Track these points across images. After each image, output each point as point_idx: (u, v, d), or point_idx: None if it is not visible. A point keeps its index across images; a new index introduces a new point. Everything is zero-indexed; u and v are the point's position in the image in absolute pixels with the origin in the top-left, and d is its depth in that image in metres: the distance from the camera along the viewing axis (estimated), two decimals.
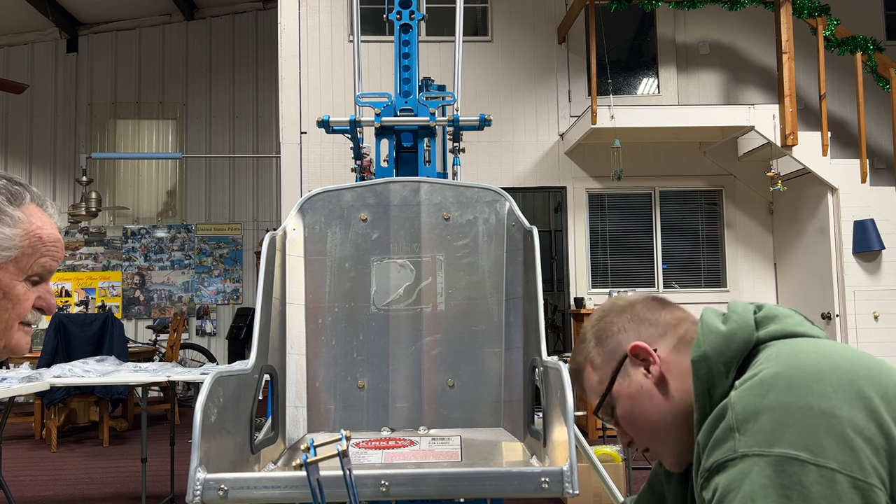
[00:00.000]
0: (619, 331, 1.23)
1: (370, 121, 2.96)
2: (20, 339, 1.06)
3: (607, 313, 1.26)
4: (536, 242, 2.19)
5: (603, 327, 1.25)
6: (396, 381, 2.29)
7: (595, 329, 1.26)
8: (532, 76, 7.32)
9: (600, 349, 1.23)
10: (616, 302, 1.28)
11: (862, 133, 6.39)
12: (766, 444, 0.95)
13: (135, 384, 4.39)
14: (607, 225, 7.26)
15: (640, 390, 1.19)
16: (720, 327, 1.13)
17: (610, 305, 1.28)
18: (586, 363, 1.26)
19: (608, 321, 1.25)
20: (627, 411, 1.21)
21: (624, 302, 1.27)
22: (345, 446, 1.31)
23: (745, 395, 1.01)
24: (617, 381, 1.21)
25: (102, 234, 10.23)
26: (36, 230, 1.03)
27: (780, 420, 0.95)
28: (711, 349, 1.10)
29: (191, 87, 10.47)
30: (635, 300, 1.27)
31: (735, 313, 1.15)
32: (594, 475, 3.12)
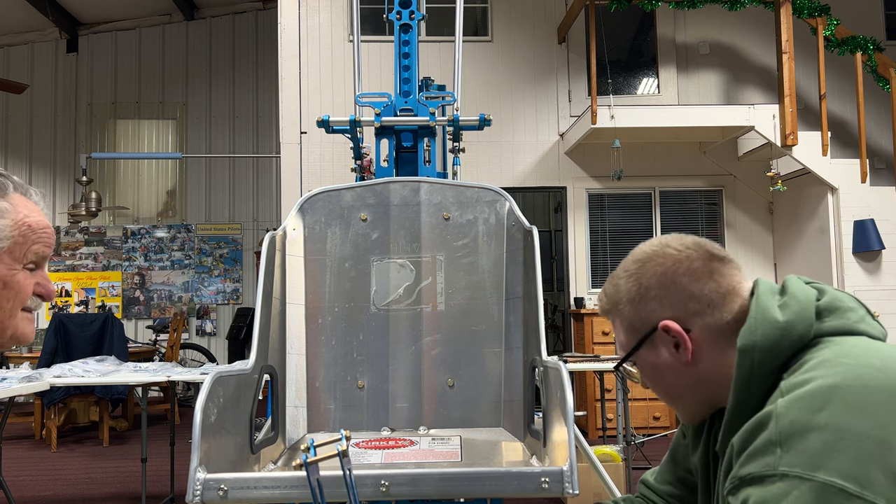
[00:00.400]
0: (655, 297, 1.12)
1: (370, 121, 2.96)
2: (25, 327, 1.08)
3: (651, 265, 1.13)
4: (536, 242, 2.19)
5: (641, 286, 1.13)
6: (396, 381, 2.29)
7: (634, 281, 1.14)
8: (532, 76, 7.32)
9: (632, 309, 1.14)
10: (667, 251, 1.14)
11: (862, 133, 6.39)
12: (810, 468, 0.87)
13: (135, 384, 4.39)
14: (607, 225, 7.26)
15: (665, 364, 1.12)
16: (777, 316, 1.03)
17: (659, 254, 1.14)
18: (616, 312, 1.18)
19: (648, 281, 1.13)
20: (649, 376, 1.16)
21: (673, 259, 1.12)
22: (345, 446, 1.31)
23: (794, 408, 0.92)
24: (643, 348, 1.14)
25: (102, 234, 10.23)
26: (24, 219, 1.04)
27: (829, 443, 0.87)
28: (763, 340, 1.02)
29: (191, 87, 10.48)
30: (687, 259, 1.12)
31: (795, 299, 1.05)
32: (594, 475, 3.13)
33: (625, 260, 1.19)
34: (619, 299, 1.16)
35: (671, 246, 1.14)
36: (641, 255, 1.16)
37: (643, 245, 1.19)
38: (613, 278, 1.19)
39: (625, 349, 1.18)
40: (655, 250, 1.15)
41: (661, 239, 1.17)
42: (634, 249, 1.20)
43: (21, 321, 1.07)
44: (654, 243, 1.17)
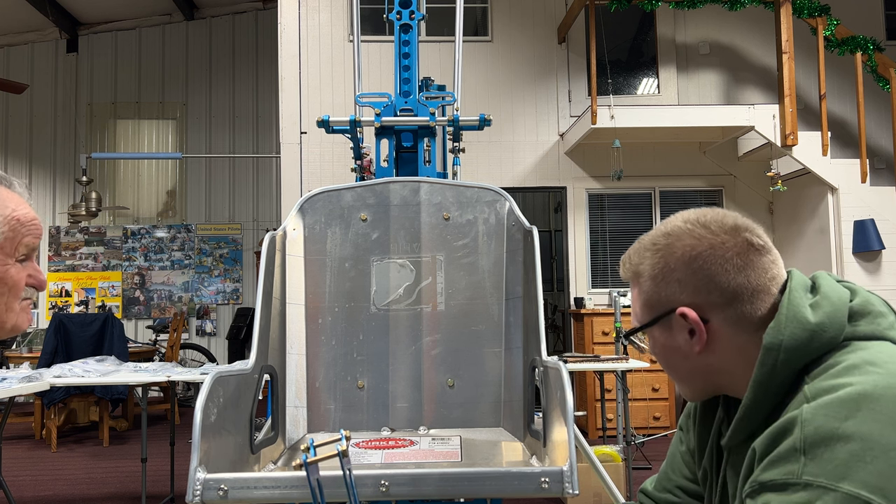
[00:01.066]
0: (678, 280, 1.06)
1: (370, 121, 2.96)
2: (22, 318, 1.10)
3: (681, 245, 1.07)
4: (536, 242, 2.19)
5: (667, 265, 1.07)
6: (396, 381, 2.29)
7: (660, 257, 1.08)
8: (532, 76, 7.32)
9: (653, 285, 1.09)
10: (701, 232, 1.06)
11: (862, 133, 6.39)
12: (835, 478, 0.84)
13: (135, 384, 4.39)
14: (607, 225, 7.26)
15: (676, 347, 1.09)
16: (808, 317, 0.99)
17: (693, 234, 1.07)
18: (636, 283, 1.13)
19: (675, 262, 1.06)
20: (658, 353, 1.13)
21: (707, 243, 1.05)
22: (345, 446, 1.31)
23: (821, 415, 0.89)
24: (656, 327, 1.10)
25: (102, 234, 10.23)
26: (12, 213, 1.05)
27: (856, 453, 0.85)
28: (791, 340, 0.98)
29: (191, 87, 10.48)
30: (721, 246, 1.05)
31: (828, 300, 1.01)
32: (594, 475, 3.13)
33: (656, 229, 1.12)
34: (641, 271, 1.11)
35: (708, 227, 1.07)
36: (674, 229, 1.09)
37: (678, 218, 1.11)
38: (640, 248, 1.13)
39: (639, 321, 1.14)
40: (690, 229, 1.07)
41: (700, 214, 1.09)
42: (670, 219, 1.12)
43: (18, 313, 1.09)
44: (692, 218, 1.09)
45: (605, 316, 6.55)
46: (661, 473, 1.32)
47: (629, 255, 1.15)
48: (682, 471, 1.28)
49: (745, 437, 1.03)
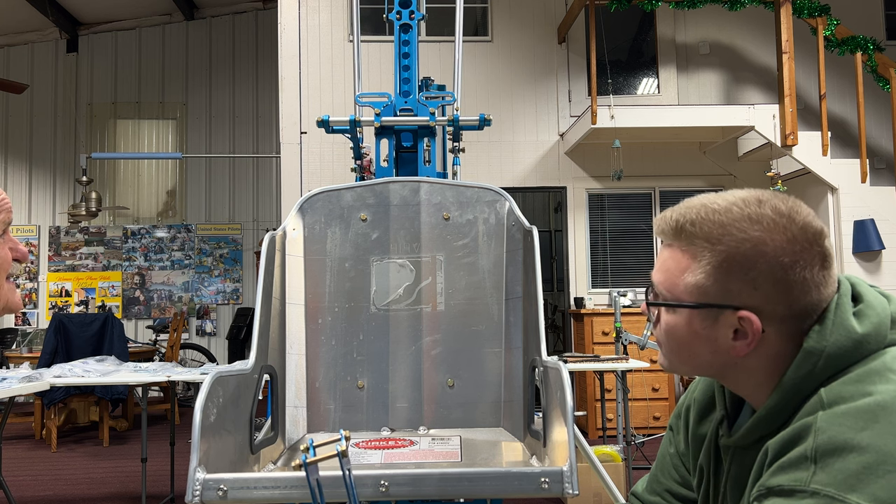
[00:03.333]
0: (753, 280, 0.95)
1: (370, 121, 2.96)
2: (14, 296, 1.11)
3: (764, 248, 0.95)
4: (536, 242, 2.19)
5: (746, 259, 0.95)
6: (396, 381, 2.29)
7: (734, 243, 0.96)
8: (532, 76, 7.32)
9: (719, 270, 0.97)
10: (785, 235, 0.95)
11: (862, 133, 6.39)
12: (844, 489, 0.82)
13: (135, 384, 4.39)
14: (607, 225, 7.26)
15: (709, 339, 1.00)
16: (854, 326, 0.94)
17: (779, 230, 0.96)
18: (683, 248, 1.00)
19: (752, 258, 0.95)
20: (677, 334, 1.02)
21: (790, 251, 0.95)
22: (344, 446, 1.31)
23: (836, 424, 0.86)
24: (696, 312, 0.99)
25: (102, 234, 10.23)
26: None
27: (868, 465, 0.82)
28: (835, 349, 0.93)
29: (191, 87, 10.48)
30: (805, 256, 0.95)
31: (873, 310, 0.96)
32: (594, 475, 3.13)
33: (734, 199, 0.99)
34: (698, 244, 0.98)
35: (790, 228, 0.96)
36: (760, 216, 0.96)
37: (755, 200, 0.98)
38: (707, 214, 0.99)
39: (675, 295, 1.01)
40: (777, 222, 0.96)
41: (780, 204, 0.98)
42: (747, 196, 1.00)
43: (9, 291, 1.10)
44: (782, 209, 0.97)
45: (605, 316, 6.55)
46: (651, 476, 1.30)
47: (685, 214, 1.01)
48: (672, 474, 1.25)
49: (759, 438, 1.00)
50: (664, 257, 1.04)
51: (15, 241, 1.11)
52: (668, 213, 1.05)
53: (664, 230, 1.04)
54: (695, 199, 1.03)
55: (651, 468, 1.31)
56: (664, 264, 1.04)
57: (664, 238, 1.05)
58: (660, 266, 1.05)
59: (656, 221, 1.07)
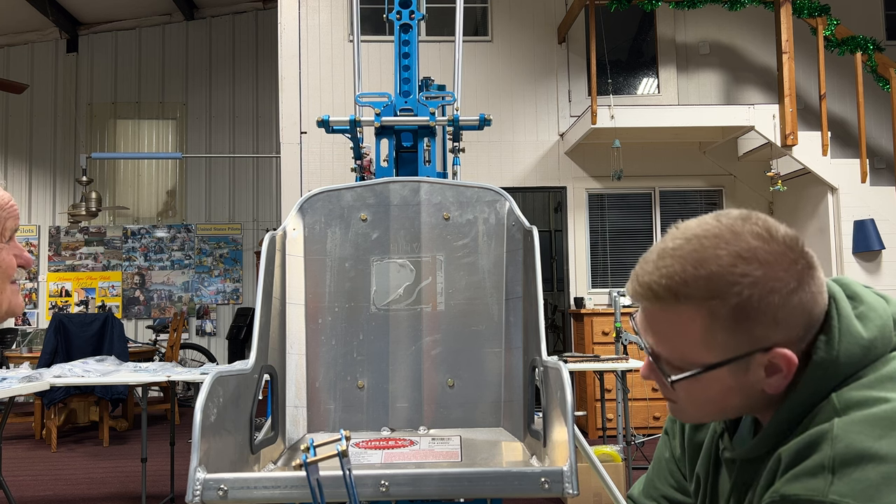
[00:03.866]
0: (774, 318, 0.89)
1: (370, 121, 2.96)
2: (16, 299, 1.11)
3: (771, 281, 0.88)
4: (536, 242, 2.19)
5: (762, 299, 0.88)
6: (396, 381, 2.29)
7: (744, 290, 0.89)
8: (532, 76, 7.32)
9: (730, 325, 0.90)
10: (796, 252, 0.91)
11: (862, 133, 6.39)
12: (863, 499, 0.80)
13: (135, 384, 4.39)
14: (607, 225, 7.26)
15: (743, 389, 0.94)
16: (860, 332, 0.91)
17: (786, 253, 0.90)
18: (676, 312, 0.92)
19: (767, 292, 0.88)
20: (704, 398, 0.96)
21: (795, 274, 0.90)
22: (344, 446, 1.31)
23: (853, 431, 0.84)
24: (724, 368, 0.92)
25: (102, 234, 10.23)
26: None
27: (888, 475, 0.80)
28: (846, 357, 0.90)
29: (191, 87, 10.48)
30: (808, 272, 0.91)
31: (874, 312, 0.94)
32: (594, 475, 3.12)
33: (708, 240, 0.92)
34: (699, 302, 0.90)
35: (781, 250, 0.91)
36: (749, 252, 0.90)
37: (738, 234, 0.91)
38: (695, 267, 0.90)
39: (686, 359, 0.94)
40: (769, 249, 0.90)
41: (754, 227, 0.92)
42: (717, 230, 0.92)
43: (12, 294, 1.10)
44: (760, 232, 0.91)
45: (605, 316, 6.56)
46: (647, 480, 1.27)
47: (671, 271, 0.92)
48: (667, 479, 1.23)
49: (768, 450, 0.98)
50: (659, 325, 0.95)
51: (20, 248, 1.11)
52: (646, 277, 0.94)
53: (650, 295, 0.94)
54: (664, 251, 0.94)
55: (647, 471, 1.29)
56: (664, 333, 0.95)
57: (649, 304, 0.94)
58: (658, 335, 0.96)
59: (634, 286, 0.96)
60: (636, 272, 0.97)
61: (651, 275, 0.93)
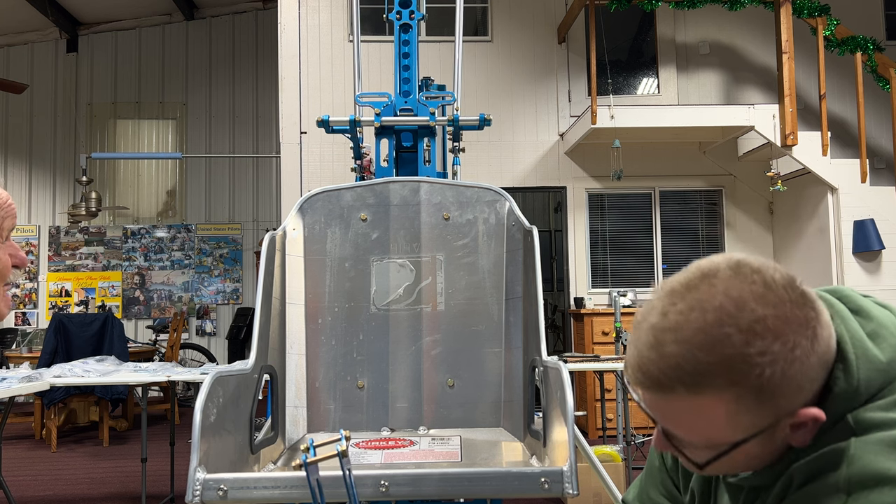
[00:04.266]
0: (797, 384, 0.83)
1: (370, 121, 2.96)
2: (2, 304, 1.08)
3: (789, 347, 0.82)
4: (536, 242, 2.19)
5: (780, 374, 0.81)
6: (396, 381, 2.29)
7: (766, 368, 0.81)
8: (532, 76, 7.32)
9: (755, 404, 0.83)
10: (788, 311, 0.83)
11: (862, 133, 6.39)
12: None
13: (135, 384, 4.39)
14: (607, 225, 7.26)
15: (770, 449, 0.89)
16: (878, 356, 0.86)
17: (797, 323, 0.83)
18: (692, 400, 0.84)
19: (791, 361, 0.82)
20: (732, 464, 0.90)
21: (810, 331, 0.83)
22: (344, 446, 1.31)
23: (871, 452, 0.80)
24: (750, 442, 0.86)
25: (102, 234, 10.23)
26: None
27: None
28: (867, 384, 0.85)
29: (191, 87, 10.48)
30: (819, 319, 0.85)
31: (887, 330, 0.89)
32: (594, 475, 3.13)
33: (720, 313, 0.82)
34: (719, 388, 0.82)
35: (794, 310, 0.83)
36: (766, 324, 0.81)
37: (757, 297, 0.82)
38: (713, 347, 0.82)
39: (713, 441, 0.87)
40: (788, 317, 0.82)
41: (765, 284, 0.84)
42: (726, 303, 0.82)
43: (2, 298, 1.08)
44: (779, 288, 0.84)
45: (605, 316, 6.55)
46: (640, 488, 1.23)
47: (684, 357, 0.82)
48: (659, 488, 1.20)
49: (778, 476, 0.93)
50: (673, 414, 0.87)
51: (15, 247, 1.09)
52: (650, 367, 0.85)
53: (657, 387, 0.85)
54: (662, 331, 0.84)
55: (639, 477, 1.27)
56: (679, 421, 0.87)
57: (657, 395, 0.86)
58: (672, 422, 0.88)
59: (637, 375, 0.87)
60: (635, 357, 0.87)
61: (655, 363, 0.84)
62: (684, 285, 0.86)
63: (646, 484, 1.23)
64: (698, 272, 0.87)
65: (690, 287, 0.85)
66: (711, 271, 0.86)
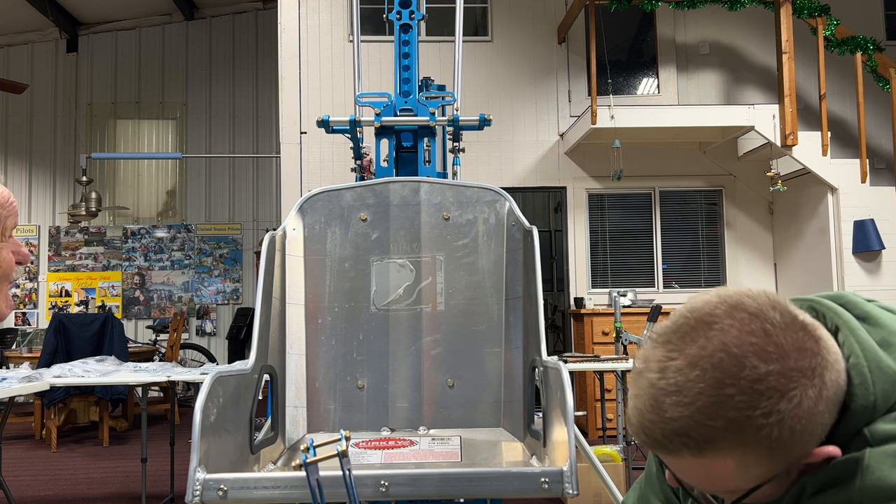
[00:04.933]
0: (809, 432, 0.80)
1: (370, 121, 2.96)
2: (5, 304, 1.07)
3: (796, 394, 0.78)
4: (536, 242, 2.19)
5: (790, 429, 0.78)
6: (396, 381, 2.29)
7: (770, 430, 0.78)
8: (532, 76, 7.32)
9: (768, 456, 0.80)
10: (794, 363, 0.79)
11: (862, 133, 6.39)
12: None
13: (135, 384, 4.39)
14: (607, 225, 7.26)
15: (784, 484, 0.87)
16: (892, 365, 0.83)
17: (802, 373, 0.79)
18: (704, 460, 0.81)
19: (800, 415, 0.78)
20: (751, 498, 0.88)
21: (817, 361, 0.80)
22: (344, 446, 1.31)
23: (887, 464, 0.78)
24: (765, 486, 0.84)
25: (102, 234, 10.23)
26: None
27: None
28: (883, 396, 0.82)
29: (191, 87, 10.48)
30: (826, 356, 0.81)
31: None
32: (594, 475, 3.13)
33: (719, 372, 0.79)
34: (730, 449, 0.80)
35: (799, 363, 0.79)
36: (768, 382, 0.78)
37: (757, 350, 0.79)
38: (719, 410, 0.78)
39: (732, 491, 0.86)
40: (790, 363, 0.79)
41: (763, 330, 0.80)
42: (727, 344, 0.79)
43: (4, 298, 1.07)
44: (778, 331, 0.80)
45: (605, 316, 6.55)
46: (640, 493, 1.22)
47: (691, 423, 0.79)
48: (659, 495, 1.19)
49: None
50: (682, 470, 0.85)
51: (17, 243, 1.08)
52: (654, 432, 0.82)
53: (663, 450, 0.83)
54: (662, 392, 0.81)
55: (638, 481, 1.25)
56: (690, 475, 0.86)
57: (664, 456, 0.84)
58: (682, 474, 0.87)
59: (642, 438, 0.85)
60: (637, 419, 0.84)
61: (658, 426, 0.82)
62: (680, 335, 0.83)
63: (645, 489, 1.22)
64: (693, 318, 0.83)
65: (686, 338, 0.82)
66: (708, 318, 0.82)
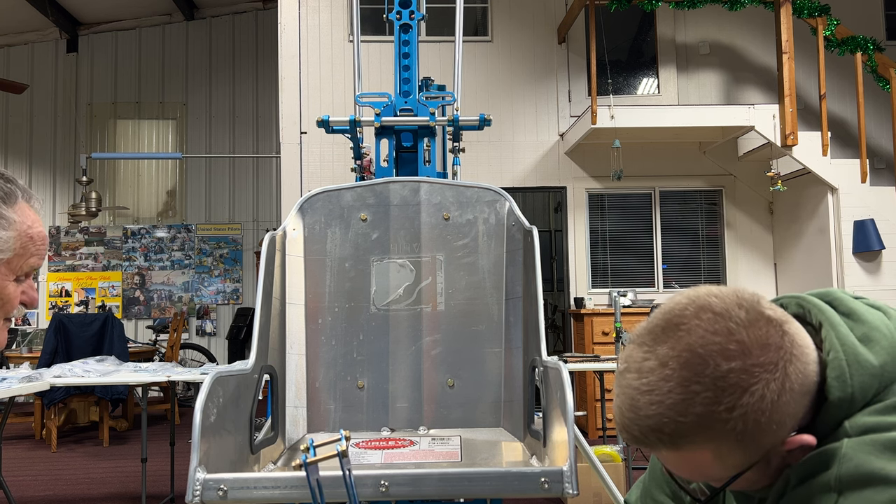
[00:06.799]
0: (779, 420, 0.84)
1: (370, 121, 2.96)
2: (1, 335, 1.06)
3: (761, 384, 0.82)
4: (536, 242, 2.19)
5: (749, 424, 0.83)
6: (396, 381, 2.29)
7: (735, 423, 0.83)
8: (532, 76, 7.32)
9: (739, 445, 0.85)
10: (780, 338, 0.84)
11: (862, 133, 6.39)
12: None
13: (135, 384, 4.39)
14: (607, 225, 7.26)
15: (767, 472, 0.90)
16: (870, 359, 0.86)
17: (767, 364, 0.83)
18: (683, 452, 0.87)
19: (762, 413, 0.83)
20: (734, 486, 0.93)
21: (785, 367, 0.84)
22: (344, 446, 1.31)
23: (864, 452, 0.81)
24: (745, 474, 0.89)
25: (102, 234, 10.23)
26: (27, 230, 1.02)
27: (894, 500, 0.77)
28: (861, 390, 0.85)
29: (191, 87, 10.48)
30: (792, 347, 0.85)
31: (879, 332, 0.88)
32: (594, 475, 3.13)
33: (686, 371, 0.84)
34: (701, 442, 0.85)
35: (762, 357, 0.83)
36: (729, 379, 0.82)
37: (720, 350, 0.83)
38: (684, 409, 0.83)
39: (712, 479, 0.91)
40: (753, 359, 0.83)
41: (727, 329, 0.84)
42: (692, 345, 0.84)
43: (2, 331, 1.06)
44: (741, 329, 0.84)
45: (605, 316, 6.55)
46: (644, 489, 1.25)
47: (658, 423, 0.85)
48: (663, 488, 1.20)
49: None
50: (664, 459, 0.92)
51: (32, 286, 1.07)
52: (633, 429, 0.88)
53: (643, 443, 0.89)
54: (638, 389, 0.87)
55: (642, 477, 1.27)
56: (672, 464, 0.92)
57: (645, 448, 0.91)
58: (670, 466, 0.93)
59: (623, 434, 0.91)
60: (618, 416, 0.91)
61: (635, 423, 0.88)
62: (653, 336, 0.89)
63: (649, 485, 1.23)
64: (664, 320, 0.89)
65: (658, 339, 0.88)
66: (676, 319, 0.88)
